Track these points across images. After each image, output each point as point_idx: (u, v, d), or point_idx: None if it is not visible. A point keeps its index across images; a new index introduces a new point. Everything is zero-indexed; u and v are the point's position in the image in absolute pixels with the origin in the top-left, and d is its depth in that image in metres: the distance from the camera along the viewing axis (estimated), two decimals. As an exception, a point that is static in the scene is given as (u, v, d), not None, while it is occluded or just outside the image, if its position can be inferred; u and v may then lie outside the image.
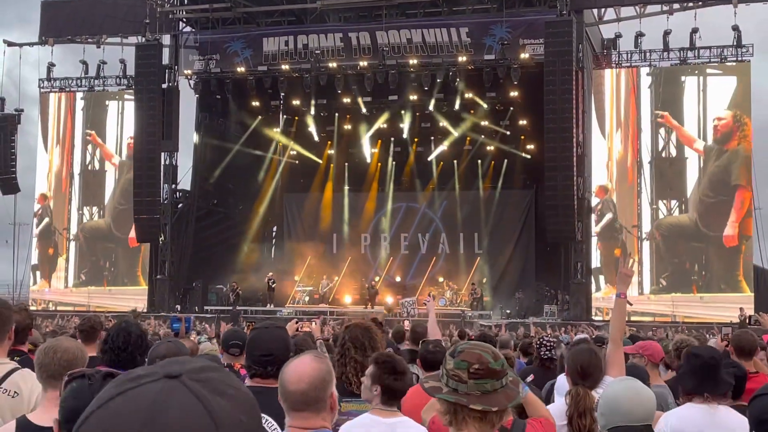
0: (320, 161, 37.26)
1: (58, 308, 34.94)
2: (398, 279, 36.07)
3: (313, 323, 9.20)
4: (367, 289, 33.75)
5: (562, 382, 5.50)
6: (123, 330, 4.31)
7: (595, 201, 31.80)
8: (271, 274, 34.72)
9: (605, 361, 4.73)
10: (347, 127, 36.42)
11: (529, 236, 34.91)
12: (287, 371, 2.90)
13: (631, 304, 5.21)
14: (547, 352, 7.26)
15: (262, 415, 3.48)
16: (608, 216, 31.81)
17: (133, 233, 34.80)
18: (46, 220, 37.63)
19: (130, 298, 35.46)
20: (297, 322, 6.31)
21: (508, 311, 32.48)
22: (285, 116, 36.96)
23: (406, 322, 14.32)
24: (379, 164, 36.94)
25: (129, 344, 4.25)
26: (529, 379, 6.86)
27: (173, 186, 34.96)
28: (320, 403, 2.85)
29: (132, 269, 36.44)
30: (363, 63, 32.60)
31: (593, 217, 31.53)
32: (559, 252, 31.75)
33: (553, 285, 32.30)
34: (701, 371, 4.38)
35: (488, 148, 35.50)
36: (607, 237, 31.69)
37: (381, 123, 35.79)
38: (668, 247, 31.26)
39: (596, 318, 29.62)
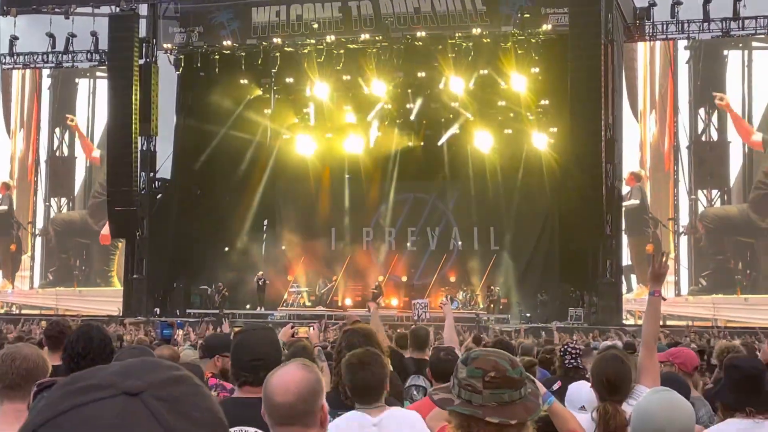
0: (317, 146, 37.30)
1: (23, 312, 34.99)
2: (404, 279, 36.28)
3: (311, 328, 9.34)
4: (371, 290, 33.92)
5: (574, 390, 5.55)
6: (84, 335, 4.31)
7: (625, 189, 31.88)
8: (261, 273, 34.86)
9: (637, 369, 4.77)
10: (347, 107, 36.30)
11: (553, 230, 35.01)
12: (272, 382, 2.92)
13: (664, 299, 5.25)
14: (572, 361, 7.20)
15: (253, 429, 3.59)
16: (634, 202, 31.85)
17: (106, 229, 35.11)
18: (3, 208, 37.54)
19: (104, 300, 35.65)
20: (292, 327, 6.30)
21: (528, 315, 32.61)
22: (277, 96, 36.90)
23: (312, 329, 14.32)
24: (384, 149, 36.89)
25: (90, 351, 4.24)
26: (556, 386, 7.01)
27: (152, 174, 35.06)
28: (309, 416, 2.85)
29: (106, 268, 36.58)
30: (364, 36, 32.65)
31: (623, 208, 31.57)
32: (586, 248, 31.89)
33: (579, 285, 32.41)
34: (742, 384, 4.42)
35: (506, 130, 35.52)
36: (636, 231, 31.83)
37: (385, 103, 35.79)
38: (711, 241, 31.25)
39: (627, 322, 29.57)
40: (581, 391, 5.45)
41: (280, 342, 4.22)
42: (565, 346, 7.53)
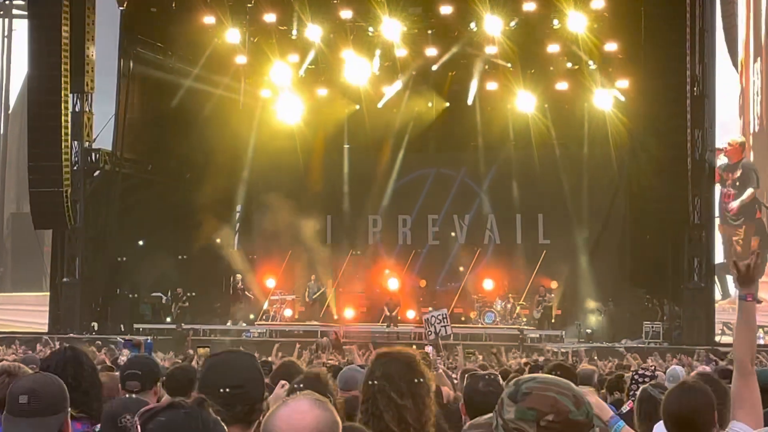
0: (307, 107, 37.33)
1: None
2: (423, 283, 36.47)
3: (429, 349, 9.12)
4: (384, 300, 34.23)
5: None
6: (72, 359, 4.57)
7: (720, 162, 31.85)
8: (239, 276, 35.24)
9: (731, 400, 4.82)
10: (347, 53, 35.92)
11: (622, 219, 34.97)
12: (277, 421, 3.00)
13: (759, 302, 5.36)
14: (623, 407, 7.37)
15: None
16: (749, 190, 31.85)
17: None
18: None
19: (28, 310, 35.86)
20: (283, 386, 5.89)
21: (588, 330, 32.75)
22: (253, 39, 36.56)
23: (429, 348, 14.69)
24: (395, 110, 36.81)
25: (82, 380, 4.50)
26: (627, 408, 7.09)
27: (87, 144, 35.02)
28: None
29: (34, 268, 36.74)
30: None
31: (718, 188, 31.71)
32: (666, 242, 31.97)
33: (656, 292, 32.55)
34: None
35: (558, 85, 35.46)
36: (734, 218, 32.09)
37: (398, 48, 35.49)
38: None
39: (723, 341, 29.40)
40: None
41: (261, 370, 4.34)
42: (637, 371, 7.81)
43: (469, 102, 36.55)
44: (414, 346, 22.24)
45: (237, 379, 4.05)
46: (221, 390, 3.97)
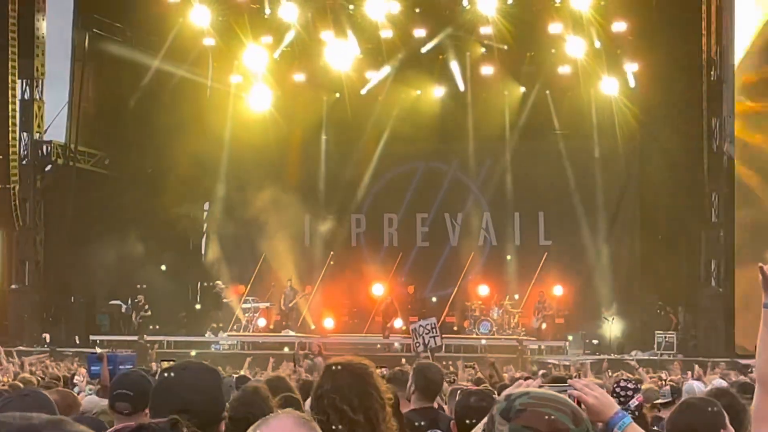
0: (282, 94, 37.10)
1: None
2: (411, 289, 36.04)
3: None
4: (382, 308, 34.06)
5: None
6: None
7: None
8: (219, 282, 35.39)
9: (750, 418, 4.83)
10: (326, 35, 35.87)
11: (632, 217, 35.17)
12: None
13: None
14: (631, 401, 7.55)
15: None
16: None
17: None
18: None
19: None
20: None
21: (595, 341, 32.74)
22: (222, 18, 36.36)
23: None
24: (380, 98, 36.66)
25: None
26: (634, 402, 7.48)
27: (37, 136, 35.00)
28: None
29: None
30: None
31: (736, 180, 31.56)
32: (680, 243, 32.51)
33: (669, 298, 32.71)
34: None
35: (560, 69, 35.13)
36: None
37: (383, 29, 35.18)
38: None
39: (746, 354, 28.08)
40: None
41: (223, 388, 4.45)
42: (618, 383, 7.91)
43: (461, 88, 36.24)
44: (404, 360, 22.10)
45: (183, 402, 4.12)
46: (167, 411, 3.96)
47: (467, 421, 5.84)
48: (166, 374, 4.43)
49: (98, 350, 17.89)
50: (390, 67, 36.34)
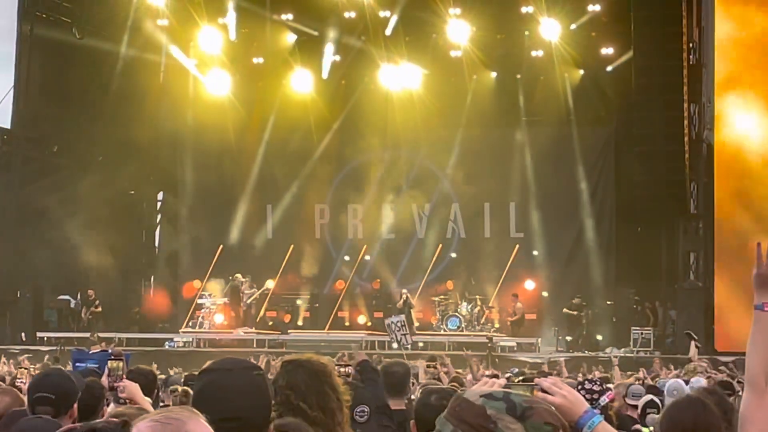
0: (239, 79, 36.96)
1: None
2: (376, 284, 36.11)
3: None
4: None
5: None
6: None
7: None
8: (239, 276, 34.43)
9: (738, 420, 4.85)
10: (286, 17, 36.04)
11: (607, 208, 35.14)
12: None
13: None
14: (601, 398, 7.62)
15: None
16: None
17: None
18: None
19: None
20: None
21: (569, 338, 32.82)
22: None
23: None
24: (343, 82, 36.77)
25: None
26: (605, 399, 7.49)
27: None
28: None
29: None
30: None
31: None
32: (658, 235, 32.93)
33: (647, 292, 32.98)
34: None
35: (534, 52, 35.16)
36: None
37: (346, 10, 35.31)
38: None
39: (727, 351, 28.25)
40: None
41: (267, 387, 4.40)
42: (583, 383, 7.86)
43: (428, 72, 35.91)
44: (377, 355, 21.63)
45: (232, 408, 4.08)
46: (213, 422, 3.58)
47: (426, 420, 5.67)
48: (204, 379, 4.27)
49: (113, 348, 18.45)
50: (353, 48, 36.35)
